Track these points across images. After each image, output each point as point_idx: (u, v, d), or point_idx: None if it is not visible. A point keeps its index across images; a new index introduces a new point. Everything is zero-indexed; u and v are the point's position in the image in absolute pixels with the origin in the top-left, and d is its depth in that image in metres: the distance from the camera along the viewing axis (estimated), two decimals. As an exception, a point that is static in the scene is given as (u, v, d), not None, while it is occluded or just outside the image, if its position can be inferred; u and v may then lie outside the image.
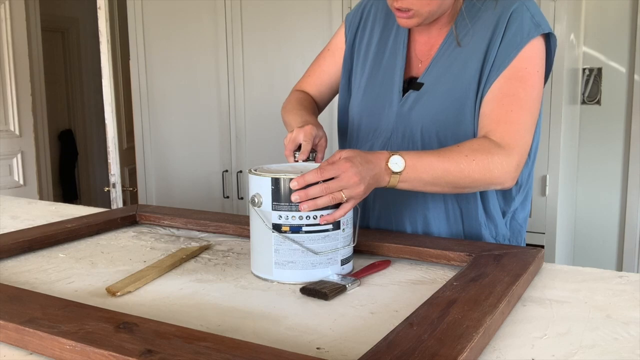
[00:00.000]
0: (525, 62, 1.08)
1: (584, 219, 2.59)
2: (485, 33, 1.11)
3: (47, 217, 1.44)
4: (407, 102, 1.17)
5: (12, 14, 3.52)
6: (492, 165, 1.03)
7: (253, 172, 0.96)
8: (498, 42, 1.10)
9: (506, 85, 1.08)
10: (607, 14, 2.45)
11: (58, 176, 5.16)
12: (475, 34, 1.12)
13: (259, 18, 2.66)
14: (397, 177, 0.97)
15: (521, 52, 1.08)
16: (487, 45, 1.11)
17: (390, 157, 0.97)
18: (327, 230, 0.93)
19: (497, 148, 1.04)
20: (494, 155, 1.03)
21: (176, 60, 2.91)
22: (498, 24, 1.10)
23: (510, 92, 1.08)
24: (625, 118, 2.47)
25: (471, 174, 1.01)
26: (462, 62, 1.13)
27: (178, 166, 3.01)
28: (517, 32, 1.08)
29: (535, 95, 1.10)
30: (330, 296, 0.86)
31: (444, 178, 1.00)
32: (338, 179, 0.90)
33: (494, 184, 1.06)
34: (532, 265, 0.94)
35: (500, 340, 0.72)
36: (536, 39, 1.09)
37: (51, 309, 0.74)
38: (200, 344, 0.64)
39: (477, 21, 1.13)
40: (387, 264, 1.02)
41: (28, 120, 3.68)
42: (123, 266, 1.04)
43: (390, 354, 0.62)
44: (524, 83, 1.08)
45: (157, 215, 1.35)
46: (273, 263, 0.94)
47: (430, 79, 1.16)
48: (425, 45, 1.20)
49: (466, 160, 1.01)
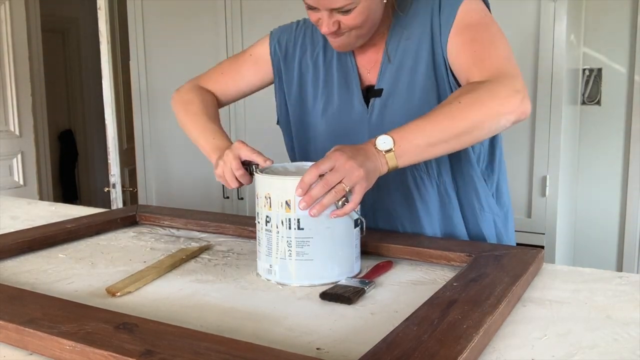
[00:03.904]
0: (467, 13, 1.08)
1: (584, 220, 2.58)
2: (425, 19, 1.11)
3: (47, 218, 1.44)
4: (374, 110, 1.16)
5: (12, 15, 3.52)
6: (482, 97, 0.96)
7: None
8: (437, 19, 1.09)
9: (461, 36, 1.07)
10: (607, 14, 2.44)
11: (58, 176, 5.16)
12: (414, 27, 1.12)
13: (259, 18, 2.65)
14: (392, 154, 0.92)
15: (459, 9, 1.07)
16: (430, 27, 1.10)
17: (375, 140, 0.92)
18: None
19: (479, 84, 0.98)
20: (478, 89, 0.97)
21: (176, 61, 2.91)
22: (433, 8, 1.10)
23: (467, 39, 1.06)
24: (626, 119, 2.47)
25: (464, 114, 0.95)
26: (412, 54, 1.13)
27: (178, 166, 3.01)
28: (449, 2, 1.09)
29: (496, 31, 1.07)
30: (354, 300, 0.85)
31: (440, 134, 0.94)
32: (335, 169, 0.87)
33: (502, 115, 0.97)
34: (532, 265, 0.94)
35: (500, 340, 0.72)
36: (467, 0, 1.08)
37: (51, 309, 0.74)
38: (200, 344, 0.64)
39: (413, 15, 1.13)
40: (390, 264, 1.02)
41: (28, 121, 3.68)
42: (123, 266, 1.04)
43: (390, 355, 0.61)
44: (476, 26, 1.07)
45: (157, 216, 1.35)
46: (354, 257, 0.97)
47: (387, 81, 1.15)
48: (369, 53, 1.18)
49: (452, 106, 0.95)
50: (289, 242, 0.93)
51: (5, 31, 3.50)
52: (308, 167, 0.91)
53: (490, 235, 1.20)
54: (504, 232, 1.23)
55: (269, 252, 0.95)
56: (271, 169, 1.02)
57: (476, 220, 1.19)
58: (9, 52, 3.52)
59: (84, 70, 5.28)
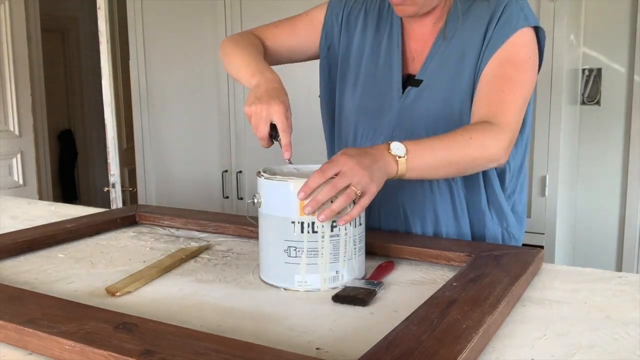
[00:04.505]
0: (516, 47, 1.09)
1: (583, 220, 2.58)
2: (480, 26, 1.12)
3: (47, 218, 1.44)
4: (407, 98, 1.17)
5: (11, 14, 3.52)
6: (487, 142, 1.03)
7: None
8: (491, 33, 1.10)
9: (498, 68, 1.09)
10: (607, 14, 2.44)
11: (58, 176, 5.16)
12: (468, 28, 1.13)
13: (259, 18, 2.64)
14: (404, 161, 0.93)
15: (511, 38, 1.09)
16: (483, 38, 1.11)
17: (390, 144, 0.94)
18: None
19: (490, 126, 1.04)
20: (488, 133, 1.03)
21: (176, 61, 2.91)
22: (492, 18, 1.11)
23: (501, 74, 1.09)
24: (625, 119, 2.47)
25: (470, 152, 1.01)
26: (458, 55, 1.13)
27: (178, 166, 3.01)
28: (506, 21, 1.10)
29: (527, 79, 1.10)
30: (368, 302, 0.85)
31: (446, 160, 0.99)
32: (342, 173, 0.86)
33: (491, 161, 1.05)
34: (532, 265, 0.94)
35: (500, 340, 0.72)
36: (526, 29, 1.10)
37: (51, 309, 0.74)
38: (199, 344, 0.64)
39: (470, 16, 1.13)
40: (392, 265, 1.02)
41: (28, 121, 3.68)
42: (122, 266, 1.04)
43: (389, 354, 0.62)
44: (515, 66, 1.09)
45: (156, 216, 1.35)
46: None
47: (428, 74, 1.16)
48: (418, 42, 1.19)
49: (463, 138, 1.01)
50: (354, 240, 0.94)
51: (5, 31, 3.50)
52: (313, 170, 0.90)
53: (497, 240, 1.20)
54: (516, 237, 1.23)
55: (335, 259, 0.92)
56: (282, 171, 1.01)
57: (484, 224, 1.19)
58: (8, 51, 3.52)
59: (83, 70, 5.28)
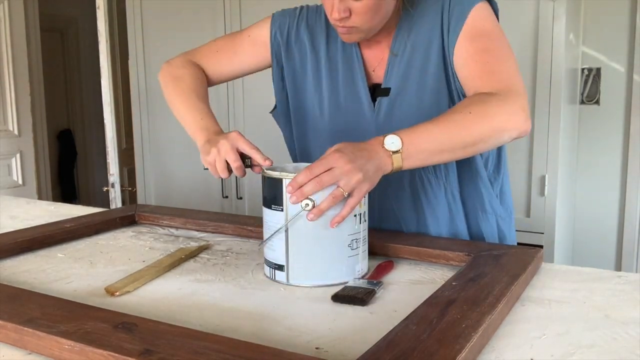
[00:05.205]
0: (478, 21, 1.07)
1: (582, 219, 2.59)
2: (435, 17, 1.10)
3: (46, 217, 1.44)
4: (381, 110, 1.14)
5: (10, 14, 3.52)
6: (491, 111, 0.96)
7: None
8: (447, 19, 1.08)
9: (471, 44, 1.06)
10: (606, 14, 2.44)
11: (57, 176, 5.16)
12: (423, 24, 1.11)
13: (258, 18, 2.65)
14: (399, 155, 0.90)
15: (469, 15, 1.06)
16: (440, 27, 1.09)
17: (384, 138, 0.90)
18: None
19: (490, 96, 0.98)
20: (489, 102, 0.97)
21: (175, 60, 2.91)
22: (443, 5, 1.09)
23: (478, 48, 1.05)
24: (624, 118, 2.47)
25: (473, 126, 0.95)
26: (421, 53, 1.11)
27: (177, 166, 3.01)
28: (457, 3, 1.08)
29: (504, 43, 1.07)
30: (368, 302, 0.85)
31: (447, 141, 0.94)
32: (330, 171, 0.85)
33: (506, 131, 0.98)
34: (531, 265, 0.94)
35: (499, 340, 0.73)
36: (480, 4, 1.07)
37: (50, 308, 0.74)
38: (199, 344, 0.64)
39: (422, 12, 1.11)
40: (392, 264, 1.02)
41: (27, 120, 3.67)
42: (122, 266, 1.04)
43: (389, 354, 0.62)
44: (487, 36, 1.06)
45: (156, 215, 1.34)
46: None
47: (394, 80, 1.13)
48: (373, 51, 1.16)
49: (462, 115, 0.95)
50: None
51: (4, 30, 3.50)
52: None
53: (492, 237, 1.20)
54: (507, 234, 1.23)
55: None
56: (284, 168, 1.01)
57: (479, 223, 1.19)
58: (7, 51, 3.52)
59: (82, 70, 5.28)
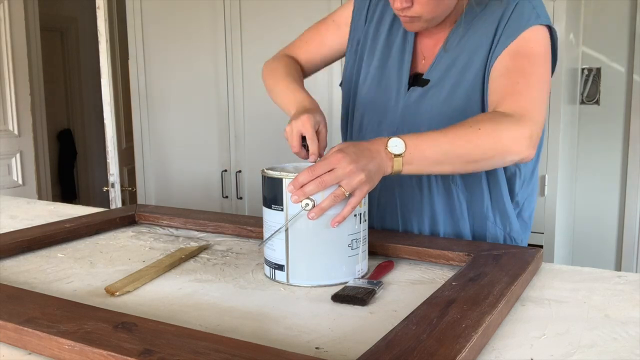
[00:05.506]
0: (528, 42, 1.07)
1: (582, 219, 2.59)
2: (491, 24, 1.11)
3: (46, 217, 1.44)
4: (411, 97, 1.16)
5: (10, 14, 3.52)
6: (501, 133, 0.96)
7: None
8: (502, 29, 1.09)
9: (511, 60, 1.06)
10: (606, 13, 2.45)
11: (57, 176, 5.16)
12: (479, 28, 1.12)
13: (258, 17, 2.65)
14: (400, 159, 0.91)
15: (523, 33, 1.07)
16: (493, 36, 1.10)
17: (388, 140, 0.91)
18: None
19: (504, 117, 0.98)
20: (501, 123, 0.97)
21: (175, 60, 2.91)
22: (503, 15, 1.10)
23: (516, 66, 1.05)
24: (624, 118, 2.47)
25: (479, 143, 0.95)
26: (467, 55, 1.12)
27: (177, 166, 3.01)
28: (518, 18, 1.08)
29: (543, 72, 1.06)
30: (368, 302, 0.85)
31: (451, 153, 0.94)
32: (332, 171, 0.86)
33: (509, 154, 0.98)
34: (531, 265, 0.94)
35: (499, 340, 0.73)
36: (538, 26, 1.07)
37: (50, 308, 0.74)
38: (199, 344, 0.64)
39: (482, 16, 1.12)
40: (392, 264, 1.02)
41: (27, 120, 3.67)
42: (122, 266, 1.04)
43: (389, 354, 0.62)
44: (528, 58, 1.06)
45: (156, 215, 1.35)
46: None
47: (435, 74, 1.15)
48: (429, 41, 1.19)
49: (471, 130, 0.95)
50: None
51: (4, 30, 3.50)
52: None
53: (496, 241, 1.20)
54: (518, 242, 1.21)
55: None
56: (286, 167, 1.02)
57: (485, 227, 1.18)
58: (7, 51, 3.52)
59: (82, 70, 5.28)
